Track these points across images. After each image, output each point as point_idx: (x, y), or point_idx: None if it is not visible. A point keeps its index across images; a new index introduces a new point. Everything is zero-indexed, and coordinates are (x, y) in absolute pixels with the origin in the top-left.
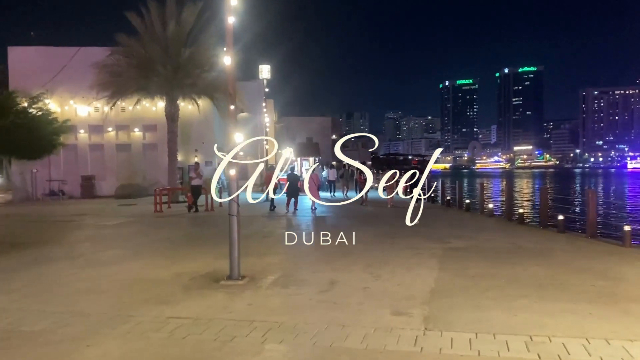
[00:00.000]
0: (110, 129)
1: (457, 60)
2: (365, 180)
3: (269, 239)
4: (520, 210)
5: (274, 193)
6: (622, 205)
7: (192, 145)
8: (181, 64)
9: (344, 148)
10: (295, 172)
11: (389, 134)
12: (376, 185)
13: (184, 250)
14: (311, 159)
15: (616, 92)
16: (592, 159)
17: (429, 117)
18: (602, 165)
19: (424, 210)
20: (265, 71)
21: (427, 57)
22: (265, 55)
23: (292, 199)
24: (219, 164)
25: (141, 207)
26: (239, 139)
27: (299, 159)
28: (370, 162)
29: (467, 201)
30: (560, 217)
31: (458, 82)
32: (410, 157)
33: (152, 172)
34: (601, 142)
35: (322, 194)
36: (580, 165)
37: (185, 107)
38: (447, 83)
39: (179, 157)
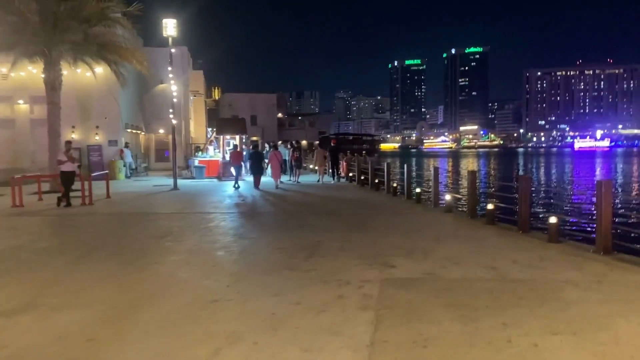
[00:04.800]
0: None
1: (406, 40)
2: (298, 158)
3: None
4: (490, 206)
5: None
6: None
7: (94, 121)
8: (59, 14)
9: (290, 127)
10: (260, 151)
11: (340, 114)
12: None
13: None
14: (237, 137)
15: (558, 73)
16: (534, 139)
17: (379, 97)
18: (544, 145)
19: (363, 202)
20: (170, 27)
21: (377, 37)
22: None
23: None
24: (126, 144)
25: (6, 199)
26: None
27: (221, 137)
28: (318, 142)
29: (418, 190)
30: (553, 219)
31: (407, 62)
32: (360, 136)
33: (44, 153)
34: (543, 122)
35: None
36: (523, 145)
37: (83, 74)
38: (396, 63)
39: (76, 136)
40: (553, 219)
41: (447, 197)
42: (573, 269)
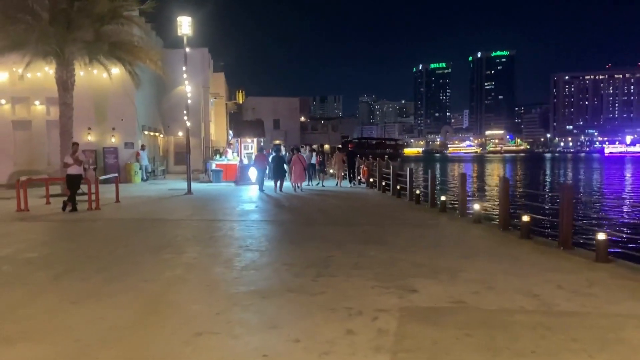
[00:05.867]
0: (3, 101)
1: (431, 44)
2: (321, 161)
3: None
4: (525, 218)
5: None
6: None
7: (110, 123)
8: (71, 11)
9: (313, 131)
10: (282, 154)
11: (363, 118)
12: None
13: None
14: (255, 141)
15: (586, 77)
16: (562, 144)
17: (403, 101)
18: (572, 150)
19: (383, 211)
20: (185, 25)
21: (401, 41)
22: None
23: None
24: (142, 147)
25: (13, 202)
26: None
27: (238, 140)
28: (341, 146)
29: (443, 198)
30: (602, 236)
31: (432, 66)
32: (383, 141)
33: (59, 155)
34: (571, 127)
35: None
36: (551, 150)
37: (99, 75)
38: (420, 67)
39: (92, 137)
40: (601, 236)
41: (476, 206)
42: (631, 297)
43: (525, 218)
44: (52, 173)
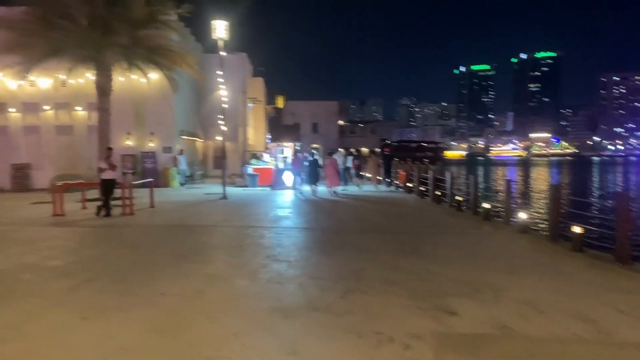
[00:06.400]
0: (47, 107)
1: (473, 45)
2: (358, 165)
3: None
4: (577, 229)
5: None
6: None
7: (148, 128)
8: (109, 16)
9: (352, 134)
10: (316, 158)
11: (403, 121)
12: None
13: None
14: (290, 145)
15: (637, 77)
16: (611, 147)
17: (444, 104)
18: (622, 154)
19: (421, 218)
20: (220, 29)
21: (442, 42)
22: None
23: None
24: (181, 151)
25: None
26: None
27: (275, 144)
28: (377, 150)
29: (487, 206)
30: None
31: (474, 67)
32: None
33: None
34: (621, 130)
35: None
36: (599, 153)
37: (138, 80)
38: (462, 69)
39: (131, 142)
40: None
41: (522, 214)
42: None
43: (578, 229)
44: (92, 177)
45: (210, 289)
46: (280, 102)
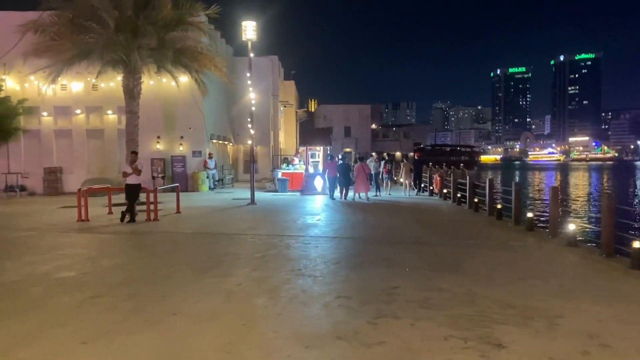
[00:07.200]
0: (78, 111)
1: (510, 47)
2: (389, 170)
3: None
4: (637, 244)
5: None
6: None
7: (178, 132)
8: (137, 19)
9: (384, 138)
10: (347, 162)
11: (437, 125)
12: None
13: None
14: (322, 149)
15: None
16: None
17: (479, 107)
18: None
19: (458, 228)
20: (249, 30)
21: (478, 44)
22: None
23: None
24: (210, 155)
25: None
26: None
27: (305, 148)
28: (409, 155)
29: (530, 215)
30: None
31: (510, 70)
32: (458, 148)
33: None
34: None
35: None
36: None
37: (168, 84)
38: (498, 71)
39: (161, 146)
40: None
41: (571, 226)
42: None
43: (637, 244)
44: (122, 182)
45: (227, 307)
46: (312, 105)
